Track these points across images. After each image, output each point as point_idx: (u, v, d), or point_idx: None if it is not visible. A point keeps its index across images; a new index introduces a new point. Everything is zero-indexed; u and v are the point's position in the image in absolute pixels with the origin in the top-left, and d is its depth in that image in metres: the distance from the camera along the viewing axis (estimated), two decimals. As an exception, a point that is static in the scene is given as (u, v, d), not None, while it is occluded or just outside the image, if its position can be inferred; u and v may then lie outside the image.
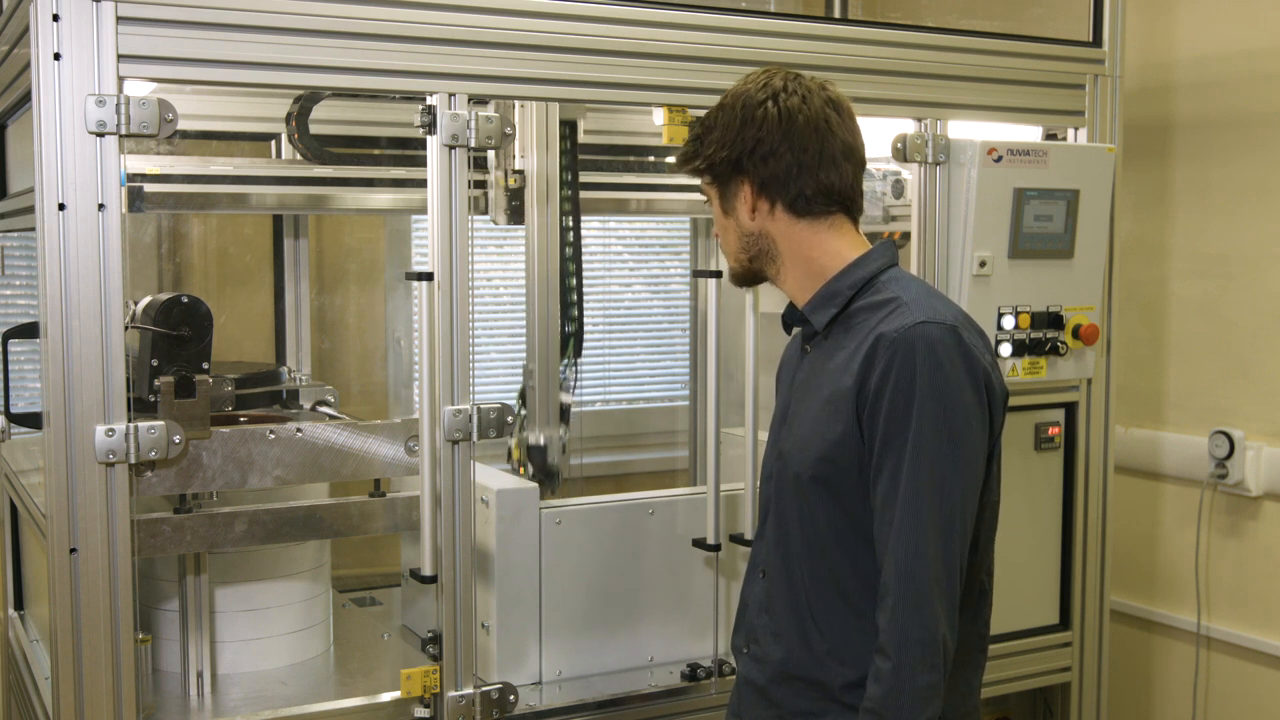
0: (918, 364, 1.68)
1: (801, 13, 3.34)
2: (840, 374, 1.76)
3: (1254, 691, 3.20)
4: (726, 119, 1.83)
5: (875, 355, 1.71)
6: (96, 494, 1.97)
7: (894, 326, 1.71)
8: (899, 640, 1.66)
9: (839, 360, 1.78)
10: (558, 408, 2.84)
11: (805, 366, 1.88)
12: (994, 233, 2.65)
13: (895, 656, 1.66)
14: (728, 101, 1.84)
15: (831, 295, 1.82)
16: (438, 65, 2.19)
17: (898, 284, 1.80)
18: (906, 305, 1.74)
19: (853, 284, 1.81)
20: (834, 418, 1.75)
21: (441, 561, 2.23)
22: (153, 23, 1.97)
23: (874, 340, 1.72)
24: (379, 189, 2.78)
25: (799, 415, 1.85)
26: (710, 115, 1.87)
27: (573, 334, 2.84)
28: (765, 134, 1.78)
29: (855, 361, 1.74)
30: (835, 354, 1.80)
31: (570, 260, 2.82)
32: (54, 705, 2.00)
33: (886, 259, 1.83)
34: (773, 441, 1.93)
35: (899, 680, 1.65)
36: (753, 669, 1.90)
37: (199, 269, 3.30)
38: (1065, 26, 3.05)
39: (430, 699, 2.27)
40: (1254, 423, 3.16)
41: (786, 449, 1.85)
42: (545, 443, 2.81)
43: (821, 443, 1.77)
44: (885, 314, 1.75)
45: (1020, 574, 2.89)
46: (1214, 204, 3.26)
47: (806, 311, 1.85)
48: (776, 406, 1.97)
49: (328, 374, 3.36)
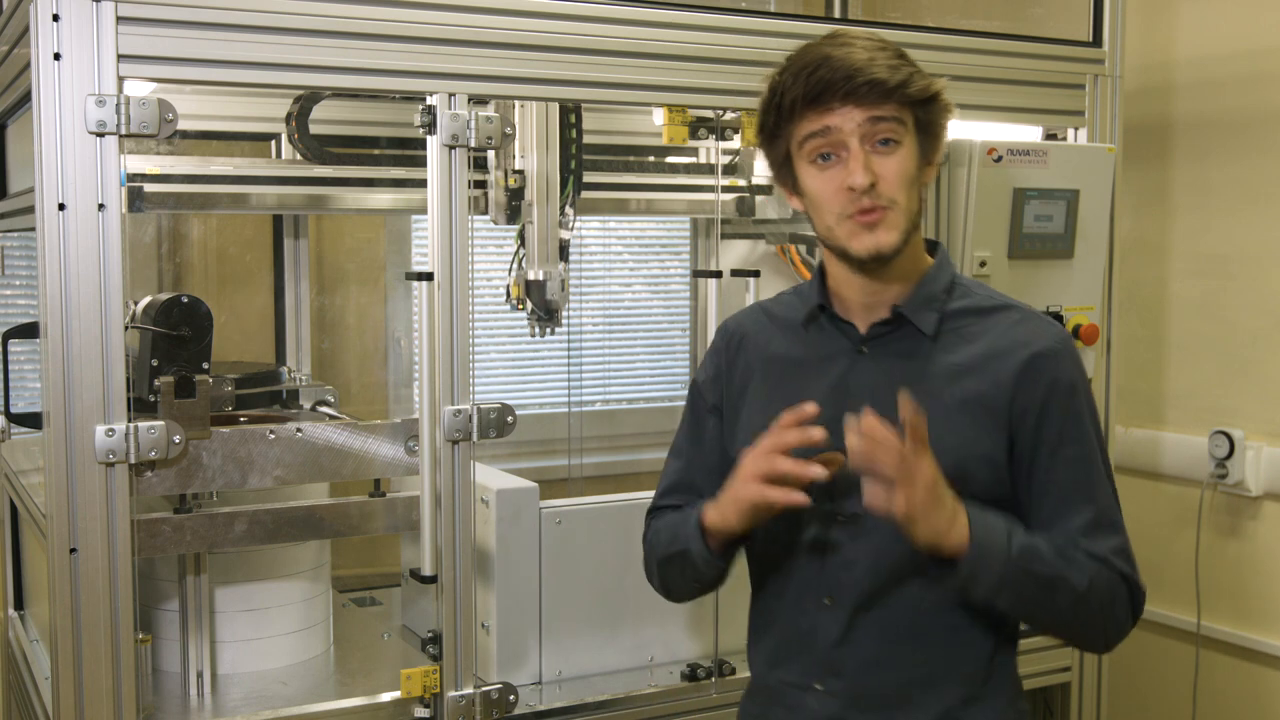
0: (1076, 374, 1.70)
1: (801, 13, 3.34)
2: (968, 382, 1.67)
3: (1253, 691, 3.20)
4: (913, 62, 1.65)
5: (1035, 369, 1.66)
6: (96, 494, 1.97)
7: (1047, 342, 1.69)
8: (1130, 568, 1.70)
9: (950, 367, 1.68)
10: (557, 244, 2.82)
11: (867, 370, 1.72)
12: (994, 233, 2.65)
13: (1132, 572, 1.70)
14: (898, 48, 1.65)
15: (929, 298, 1.71)
16: (438, 65, 2.19)
17: (980, 287, 1.78)
18: (1031, 314, 1.73)
19: (945, 287, 1.73)
20: (978, 428, 1.67)
21: (441, 561, 2.23)
22: (153, 23, 1.97)
23: (1029, 355, 1.67)
24: (379, 189, 2.78)
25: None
26: (893, 48, 1.64)
27: (573, 173, 2.82)
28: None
29: (1001, 373, 1.67)
30: (939, 358, 1.69)
31: (571, 112, 2.80)
32: (54, 705, 2.00)
33: (952, 263, 1.80)
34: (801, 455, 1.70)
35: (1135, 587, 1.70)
36: (830, 704, 1.74)
37: (199, 269, 3.30)
38: (1065, 26, 3.05)
39: (430, 699, 2.27)
40: (1254, 423, 3.16)
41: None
42: (544, 278, 2.79)
43: (965, 456, 1.66)
44: (1011, 323, 1.71)
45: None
46: (1214, 204, 3.26)
47: (907, 311, 1.70)
48: (788, 408, 1.70)
49: (328, 374, 3.36)
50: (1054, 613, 1.66)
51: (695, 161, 3.35)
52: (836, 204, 1.63)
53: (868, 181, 1.60)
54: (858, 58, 1.59)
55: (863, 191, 1.60)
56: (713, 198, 3.20)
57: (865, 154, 1.60)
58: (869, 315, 1.73)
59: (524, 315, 2.84)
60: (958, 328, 1.71)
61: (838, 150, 1.62)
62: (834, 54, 1.60)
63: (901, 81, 1.60)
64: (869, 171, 1.60)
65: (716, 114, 2.85)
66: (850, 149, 1.61)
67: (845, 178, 1.61)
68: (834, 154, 1.63)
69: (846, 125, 1.60)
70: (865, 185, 1.60)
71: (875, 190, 1.61)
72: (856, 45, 1.62)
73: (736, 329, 1.89)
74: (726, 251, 3.34)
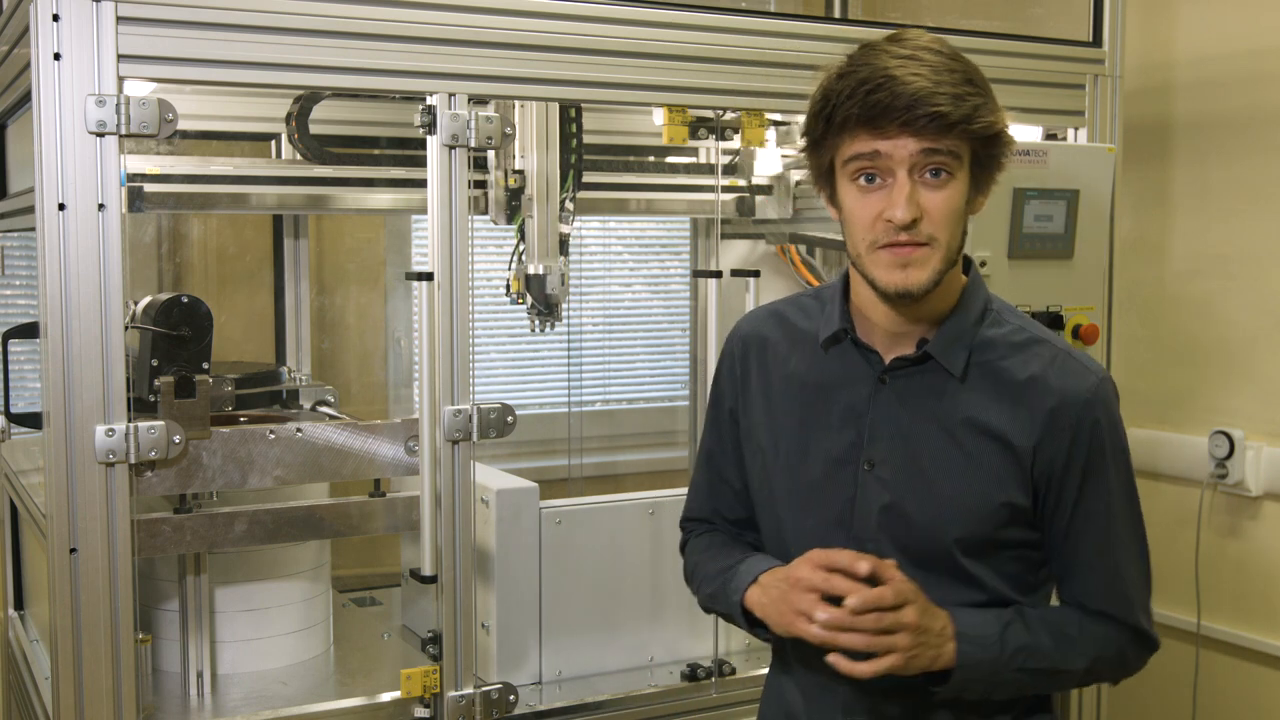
0: (1106, 425, 1.63)
1: (801, 13, 3.34)
2: (992, 426, 1.60)
3: (1253, 692, 3.20)
4: (983, 85, 1.54)
5: (1064, 417, 1.60)
6: (96, 494, 1.97)
7: (1078, 388, 1.61)
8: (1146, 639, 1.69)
9: (975, 409, 1.61)
10: (557, 239, 2.82)
11: (888, 402, 1.64)
12: (994, 233, 2.65)
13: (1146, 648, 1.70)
14: (967, 67, 1.53)
15: (959, 334, 1.62)
16: (438, 65, 2.19)
17: (1013, 314, 1.68)
18: (1064, 353, 1.64)
19: (975, 318, 1.64)
20: (1000, 474, 1.61)
21: (441, 561, 2.23)
22: (153, 23, 1.97)
23: (1057, 402, 1.60)
24: (379, 189, 2.78)
25: (923, 470, 1.62)
26: (961, 69, 1.52)
27: (573, 167, 2.82)
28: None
29: (1027, 418, 1.60)
30: (965, 398, 1.62)
31: (571, 106, 2.80)
32: (54, 705, 2.00)
33: (985, 285, 1.69)
34: (816, 484, 1.67)
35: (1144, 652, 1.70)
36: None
37: (199, 269, 3.30)
38: (1065, 26, 3.05)
39: (430, 699, 2.27)
40: (1254, 423, 3.16)
41: (925, 515, 1.62)
42: (544, 272, 2.79)
43: (984, 502, 1.61)
44: (1044, 363, 1.62)
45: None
46: (1214, 204, 3.25)
47: (935, 351, 1.61)
48: (790, 442, 1.71)
49: (328, 374, 3.36)
50: (1057, 687, 1.70)
51: (695, 161, 3.35)
52: (872, 231, 1.54)
53: (909, 218, 1.51)
54: (922, 84, 1.48)
55: (902, 226, 1.51)
56: (713, 198, 3.20)
57: (913, 185, 1.51)
58: (894, 345, 1.65)
59: (524, 311, 2.84)
60: (986, 361, 1.63)
61: (884, 175, 1.53)
62: (897, 74, 1.48)
63: (965, 116, 1.49)
64: (914, 205, 1.51)
65: (716, 114, 2.85)
66: (897, 178, 1.51)
67: (887, 207, 1.52)
68: (879, 177, 1.53)
69: (898, 154, 1.50)
70: (906, 221, 1.51)
71: (916, 227, 1.52)
72: (924, 62, 1.50)
73: (751, 333, 1.81)
74: (726, 251, 3.34)
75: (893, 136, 1.50)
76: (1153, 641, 1.70)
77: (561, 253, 2.81)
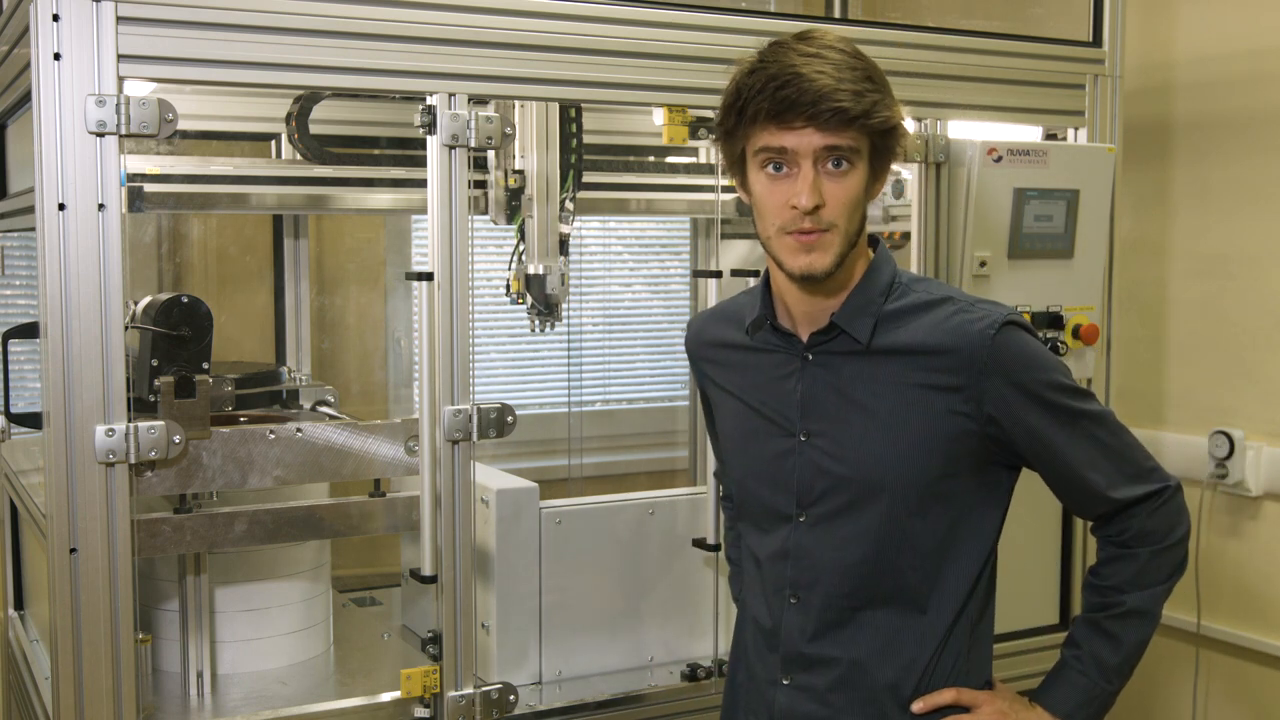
0: (1016, 356, 1.70)
1: (801, 13, 3.34)
2: (915, 370, 1.71)
3: (1253, 692, 3.20)
4: (881, 82, 1.67)
5: (973, 361, 1.68)
6: (96, 494, 1.97)
7: (981, 329, 1.69)
8: (1175, 524, 1.78)
9: (899, 369, 1.72)
10: (557, 238, 2.82)
11: (817, 376, 1.77)
12: (994, 233, 2.65)
13: (1173, 535, 1.77)
14: (867, 65, 1.66)
15: (864, 305, 1.74)
16: (438, 65, 2.19)
17: (925, 283, 1.78)
18: (966, 303, 1.73)
19: (883, 289, 1.75)
20: (939, 408, 1.70)
21: (441, 561, 2.23)
22: (153, 23, 1.97)
23: (965, 345, 1.69)
24: (379, 189, 2.78)
25: (858, 433, 1.73)
26: (862, 67, 1.65)
27: (573, 167, 2.82)
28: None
29: (946, 363, 1.69)
30: (878, 359, 1.73)
31: (571, 106, 2.80)
32: (54, 705, 2.00)
33: (893, 260, 1.80)
34: (769, 461, 1.81)
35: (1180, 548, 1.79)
36: (800, 699, 1.81)
37: (199, 269, 3.30)
38: (1065, 26, 3.05)
39: (430, 699, 2.27)
40: (1254, 423, 3.16)
41: (868, 472, 1.73)
42: (544, 272, 2.80)
43: (930, 434, 1.71)
44: (949, 313, 1.72)
45: (1020, 574, 2.88)
46: (1214, 204, 3.26)
47: (840, 320, 1.73)
48: (743, 425, 1.85)
49: (328, 374, 3.36)
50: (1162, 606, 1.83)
51: (695, 161, 3.35)
52: (779, 218, 1.67)
53: (812, 204, 1.63)
54: (826, 81, 1.60)
55: (805, 213, 1.63)
56: (713, 198, 3.20)
57: (816, 175, 1.63)
58: (810, 324, 1.77)
59: (524, 311, 2.85)
60: (897, 326, 1.74)
61: (790, 165, 1.65)
62: (803, 71, 1.61)
63: (864, 111, 1.61)
64: (816, 193, 1.63)
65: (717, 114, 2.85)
66: (801, 168, 1.63)
67: (792, 194, 1.64)
68: (786, 166, 1.65)
69: (803, 146, 1.62)
70: (809, 208, 1.63)
71: (818, 214, 1.64)
72: (828, 60, 1.63)
73: (694, 336, 1.99)
74: (726, 251, 3.34)
75: (798, 129, 1.62)
76: (1169, 489, 1.78)
77: (561, 253, 2.81)
